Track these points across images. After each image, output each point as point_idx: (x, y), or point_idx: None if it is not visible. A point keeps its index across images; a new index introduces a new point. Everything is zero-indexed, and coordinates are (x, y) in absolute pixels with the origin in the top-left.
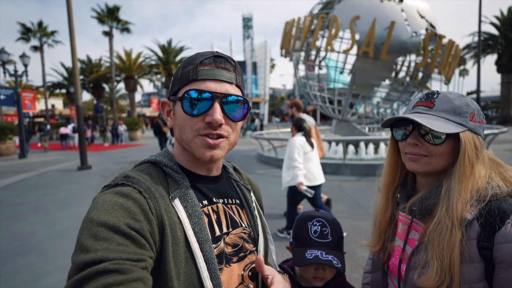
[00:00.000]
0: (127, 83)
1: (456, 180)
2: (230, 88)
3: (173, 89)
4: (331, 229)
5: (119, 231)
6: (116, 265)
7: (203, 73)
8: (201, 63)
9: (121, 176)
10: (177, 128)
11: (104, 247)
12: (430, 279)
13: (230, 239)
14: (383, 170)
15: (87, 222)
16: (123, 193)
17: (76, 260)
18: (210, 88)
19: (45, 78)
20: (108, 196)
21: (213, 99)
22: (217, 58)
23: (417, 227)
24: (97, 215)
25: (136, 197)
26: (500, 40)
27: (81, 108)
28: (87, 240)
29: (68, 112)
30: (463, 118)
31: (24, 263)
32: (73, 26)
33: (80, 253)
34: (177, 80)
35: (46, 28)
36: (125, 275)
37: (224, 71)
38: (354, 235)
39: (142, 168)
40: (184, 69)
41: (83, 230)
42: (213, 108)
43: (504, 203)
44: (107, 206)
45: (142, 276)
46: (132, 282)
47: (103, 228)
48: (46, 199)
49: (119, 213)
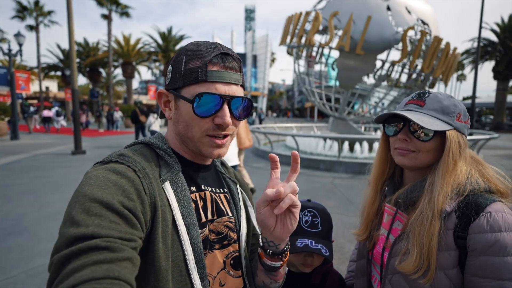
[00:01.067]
0: (124, 69)
1: (439, 174)
2: (237, 89)
3: (175, 83)
4: (321, 219)
5: (112, 209)
6: (108, 242)
7: (213, 75)
8: (210, 62)
9: (116, 154)
10: (182, 124)
11: (96, 223)
12: (410, 265)
13: (214, 226)
14: (373, 164)
15: (78, 196)
16: (117, 171)
17: (66, 233)
18: (220, 91)
19: (40, 59)
20: (101, 172)
21: (223, 101)
22: (225, 56)
23: (401, 218)
24: (90, 190)
25: (131, 176)
26: (499, 47)
27: (76, 91)
28: (78, 214)
29: (63, 95)
30: (450, 117)
31: (16, 243)
32: (71, 6)
33: (70, 226)
34: (181, 75)
35: (43, 7)
36: (116, 253)
37: (232, 72)
38: (343, 230)
39: (136, 148)
40: (188, 64)
41: (74, 204)
42: (223, 111)
43: (481, 197)
44: (101, 182)
45: (131, 256)
46: (122, 261)
47: (96, 204)
48: (38, 181)
49: (112, 190)
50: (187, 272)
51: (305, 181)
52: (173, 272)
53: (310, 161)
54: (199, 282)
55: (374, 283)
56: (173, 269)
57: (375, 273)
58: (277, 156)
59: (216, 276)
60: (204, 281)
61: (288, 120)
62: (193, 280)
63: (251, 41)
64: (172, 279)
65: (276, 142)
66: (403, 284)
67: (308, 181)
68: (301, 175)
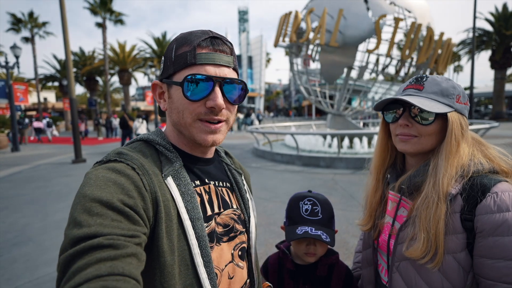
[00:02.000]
0: (121, 76)
1: (443, 157)
2: (229, 71)
3: (167, 72)
4: (321, 208)
5: (113, 207)
6: (110, 240)
7: (201, 57)
8: (198, 46)
9: (114, 152)
10: (175, 112)
11: (98, 222)
12: (418, 250)
13: (221, 219)
14: (373, 153)
15: (80, 197)
16: (116, 169)
17: (70, 234)
18: (209, 73)
19: (37, 70)
20: (100, 172)
21: (214, 83)
22: (214, 39)
23: (405, 204)
24: (90, 190)
25: (130, 173)
26: (494, 37)
27: (75, 101)
28: (80, 215)
29: (61, 105)
30: (450, 99)
31: (21, 254)
32: (65, 16)
33: (73, 228)
34: (172, 62)
35: (37, 18)
36: (119, 250)
37: (222, 54)
38: (347, 225)
39: (135, 146)
40: (178, 50)
41: (76, 205)
42: (214, 93)
43: (485, 178)
44: (100, 182)
45: (136, 252)
46: (126, 257)
47: (97, 204)
48: (41, 191)
49: (112, 189)
50: (193, 266)
51: (306, 179)
52: (180, 266)
53: (310, 159)
54: (205, 276)
55: (381, 272)
56: (179, 263)
57: (382, 262)
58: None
59: (224, 269)
60: (210, 274)
61: (287, 119)
62: (200, 274)
63: (246, 42)
64: (178, 273)
65: (276, 141)
66: (411, 270)
67: (309, 179)
68: (301, 172)
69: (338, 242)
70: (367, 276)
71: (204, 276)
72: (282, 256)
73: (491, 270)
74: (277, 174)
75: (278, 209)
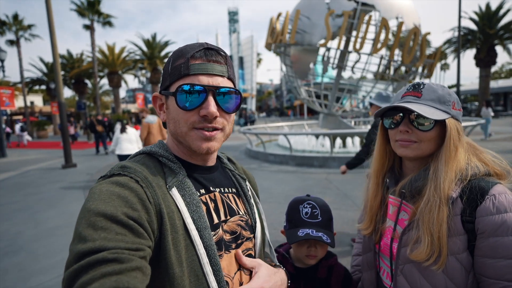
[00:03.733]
0: (110, 78)
1: (443, 162)
2: (222, 81)
3: (165, 84)
4: (320, 211)
5: (117, 221)
6: (115, 254)
7: (194, 67)
8: (192, 57)
9: (117, 166)
10: (171, 122)
11: (102, 236)
12: (423, 252)
13: (228, 226)
14: (372, 158)
15: (84, 212)
16: (120, 183)
17: (74, 249)
18: (202, 82)
19: (23, 74)
20: (104, 186)
21: (207, 92)
22: (208, 50)
23: (406, 208)
24: (94, 204)
25: (133, 186)
26: (479, 35)
27: (63, 104)
28: (84, 229)
29: (49, 109)
30: (447, 106)
31: (13, 263)
32: (52, 18)
33: (78, 243)
34: (168, 74)
35: (22, 21)
36: (124, 264)
37: (215, 64)
38: (342, 224)
39: (138, 159)
40: (174, 63)
41: (81, 220)
42: (207, 101)
43: (483, 181)
44: (104, 196)
45: (140, 265)
46: (131, 271)
47: (101, 218)
48: (31, 198)
49: (116, 203)
50: (204, 276)
51: (300, 179)
52: (189, 277)
53: (303, 159)
54: (215, 285)
55: (383, 275)
56: (189, 274)
57: (383, 265)
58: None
59: (233, 276)
60: (221, 283)
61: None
62: (210, 283)
63: (236, 43)
64: (189, 284)
65: (269, 142)
66: (415, 273)
67: (303, 179)
68: (295, 173)
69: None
70: (368, 279)
71: (214, 284)
72: (282, 259)
73: (492, 269)
74: (271, 174)
75: (274, 210)
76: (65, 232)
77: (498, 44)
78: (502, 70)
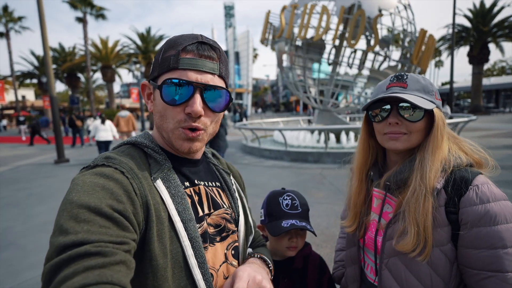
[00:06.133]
0: (104, 73)
1: (429, 151)
2: (212, 78)
3: (153, 74)
4: (300, 202)
5: (101, 213)
6: (98, 247)
7: (184, 62)
8: (183, 50)
9: (101, 157)
10: (157, 115)
11: (85, 229)
12: (409, 243)
13: (212, 219)
14: (355, 154)
15: (66, 204)
16: (104, 174)
17: (55, 242)
18: (190, 78)
19: (13, 67)
20: (88, 177)
21: (194, 89)
22: (201, 45)
23: (390, 201)
24: (77, 196)
25: (118, 177)
26: (472, 32)
27: (55, 98)
28: (66, 222)
29: (41, 103)
30: (431, 95)
31: (2, 258)
32: (43, 10)
33: (59, 235)
34: (158, 64)
35: (12, 13)
36: (108, 257)
37: (207, 60)
38: (335, 219)
39: (123, 149)
40: (165, 53)
41: (62, 212)
42: (193, 99)
43: (465, 172)
44: (88, 187)
45: (124, 259)
46: (115, 265)
47: (84, 210)
48: (22, 194)
49: (100, 195)
50: (187, 267)
51: (294, 174)
52: (173, 269)
53: (298, 154)
54: (200, 277)
55: (367, 269)
56: (172, 265)
57: (368, 260)
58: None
59: (219, 269)
60: (205, 275)
61: (274, 115)
62: (194, 275)
63: (232, 38)
64: (172, 276)
65: (264, 137)
66: (400, 266)
67: (297, 174)
68: (290, 168)
69: (327, 235)
70: (351, 274)
71: (199, 277)
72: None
73: (476, 260)
74: (266, 170)
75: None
76: None
77: (491, 42)
78: (495, 68)
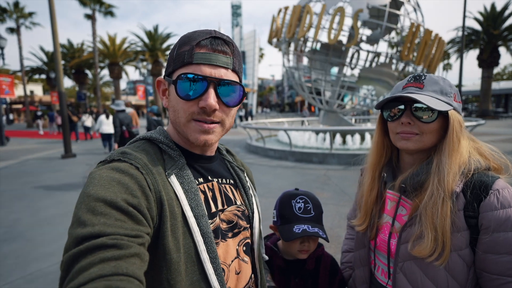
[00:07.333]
0: (111, 69)
1: (446, 154)
2: (226, 73)
3: (168, 70)
4: (313, 205)
5: (117, 207)
6: (114, 240)
7: (198, 56)
8: (197, 45)
9: (118, 152)
10: (171, 110)
11: (101, 221)
12: (426, 248)
13: (225, 215)
14: (369, 151)
15: (84, 197)
16: (120, 169)
17: (74, 233)
18: (204, 73)
19: (22, 62)
20: (104, 172)
21: (208, 83)
22: (215, 40)
23: (405, 204)
24: (94, 190)
25: (134, 173)
26: (483, 36)
27: (63, 94)
28: (84, 214)
29: (49, 98)
30: (449, 97)
31: (11, 250)
32: (53, 6)
33: (77, 227)
34: (172, 60)
35: (23, 9)
36: (123, 250)
37: (220, 55)
38: (339, 220)
39: (138, 145)
40: (180, 49)
41: (80, 205)
42: (207, 93)
43: (485, 176)
44: (104, 181)
45: (139, 252)
46: (130, 257)
47: (101, 203)
48: (30, 187)
49: (116, 189)
50: (200, 262)
51: (299, 174)
52: (186, 263)
53: (303, 155)
54: (212, 272)
55: (377, 272)
56: (185, 260)
57: (379, 263)
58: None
59: (230, 264)
60: (217, 270)
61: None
62: (206, 270)
63: (239, 37)
64: (185, 270)
65: (269, 137)
66: (416, 270)
67: (302, 174)
68: (294, 168)
69: (331, 236)
70: (360, 276)
71: (211, 271)
72: (270, 253)
73: (495, 265)
74: (270, 169)
75: (271, 204)
76: (63, 220)
77: (502, 45)
78: (505, 72)
